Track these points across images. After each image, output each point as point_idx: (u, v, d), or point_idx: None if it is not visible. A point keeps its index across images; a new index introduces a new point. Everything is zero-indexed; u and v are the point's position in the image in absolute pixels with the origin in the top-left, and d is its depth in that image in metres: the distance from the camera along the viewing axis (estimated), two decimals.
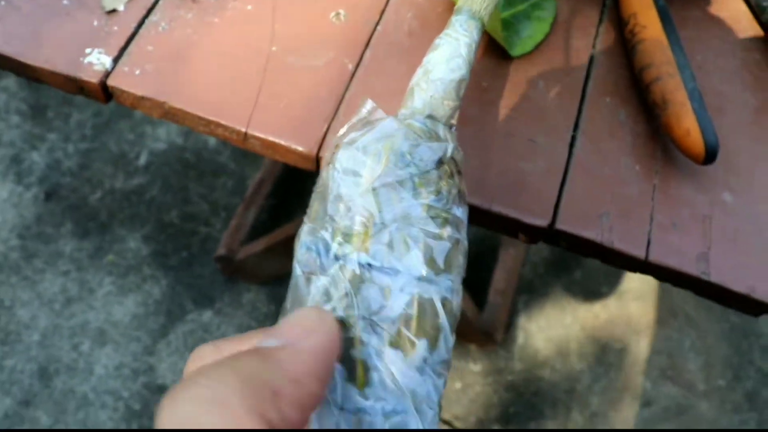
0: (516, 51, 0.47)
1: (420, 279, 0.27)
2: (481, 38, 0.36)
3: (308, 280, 0.28)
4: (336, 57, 0.45)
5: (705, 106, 0.42)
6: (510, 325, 1.27)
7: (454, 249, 0.28)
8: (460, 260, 0.29)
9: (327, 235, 0.28)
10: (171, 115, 0.44)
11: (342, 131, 0.31)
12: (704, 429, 1.20)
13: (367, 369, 0.26)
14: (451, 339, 0.28)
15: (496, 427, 1.20)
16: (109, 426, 1.19)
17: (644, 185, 0.43)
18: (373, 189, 0.28)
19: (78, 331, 1.26)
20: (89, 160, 1.42)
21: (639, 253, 0.41)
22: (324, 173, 0.30)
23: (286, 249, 1.18)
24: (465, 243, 0.30)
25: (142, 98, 0.44)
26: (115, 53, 0.45)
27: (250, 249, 1.20)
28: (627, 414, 1.22)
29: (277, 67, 0.45)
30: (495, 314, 1.19)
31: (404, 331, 0.27)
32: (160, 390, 1.20)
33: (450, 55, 0.35)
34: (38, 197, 1.38)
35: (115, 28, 0.46)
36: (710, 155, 0.41)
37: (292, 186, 1.36)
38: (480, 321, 1.16)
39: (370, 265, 0.27)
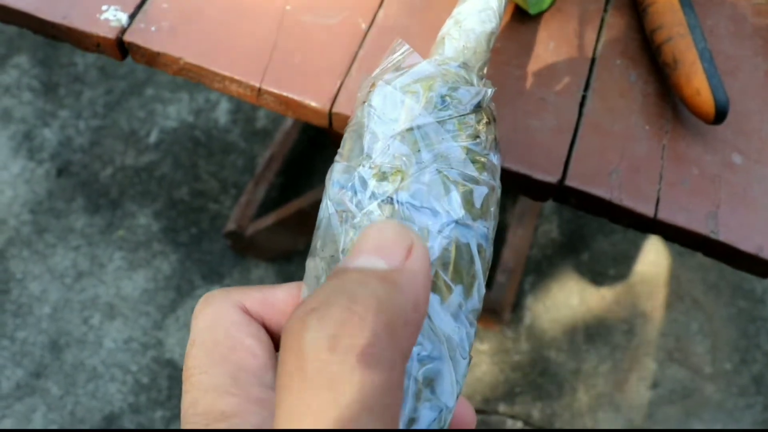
0: (534, 9, 0.47)
1: (458, 222, 0.26)
2: None
3: (342, 218, 0.27)
4: (350, 16, 0.45)
5: (715, 65, 0.42)
6: (517, 306, 1.27)
7: (490, 195, 0.28)
8: (495, 209, 0.28)
9: (364, 173, 0.27)
10: (186, 71, 0.44)
11: (376, 72, 0.30)
12: (702, 429, 1.21)
13: None
14: (484, 288, 0.27)
15: (501, 407, 1.21)
16: (118, 399, 1.20)
17: (654, 144, 0.44)
18: (412, 128, 0.28)
19: (88, 305, 1.27)
20: (100, 137, 1.43)
21: (648, 211, 0.42)
22: (358, 112, 0.30)
23: (296, 224, 1.19)
24: (499, 191, 0.29)
25: (158, 54, 0.44)
26: (132, 10, 0.46)
27: (259, 224, 1.21)
28: (633, 395, 1.22)
29: (291, 25, 0.45)
30: (503, 294, 1.19)
31: (442, 274, 0.26)
32: (169, 364, 1.22)
33: (482, 6, 0.34)
34: (50, 173, 1.39)
35: None
36: (720, 114, 0.41)
37: (302, 164, 1.37)
38: (488, 300, 1.16)
39: (410, 204, 0.26)
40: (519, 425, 1.19)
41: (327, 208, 0.28)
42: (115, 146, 1.42)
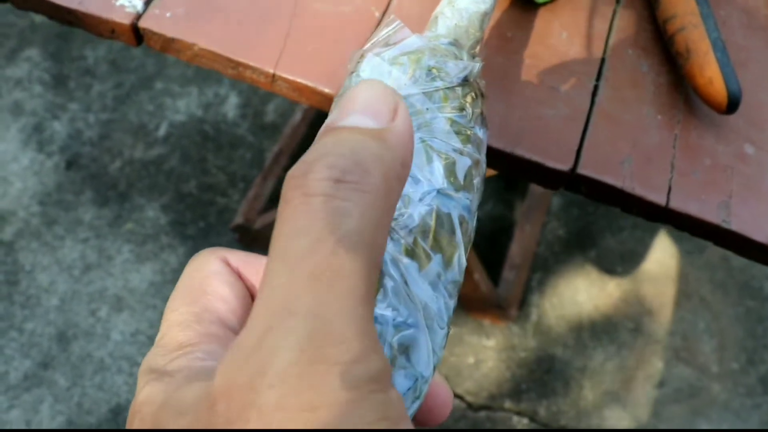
0: None
1: (440, 192, 0.27)
2: None
3: None
4: (363, 4, 0.45)
5: (728, 55, 0.42)
6: (524, 302, 1.27)
7: (474, 168, 0.28)
8: (479, 182, 0.29)
9: None
10: (200, 57, 0.45)
11: (366, 46, 0.31)
12: (707, 429, 1.20)
13: (381, 275, 0.25)
14: (464, 261, 0.27)
15: (507, 403, 1.21)
16: (125, 390, 1.21)
17: (666, 134, 0.44)
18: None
19: (96, 297, 1.28)
20: (110, 130, 1.43)
21: (659, 199, 0.42)
22: (346, 82, 0.30)
23: None
24: (484, 166, 0.29)
25: (173, 40, 0.45)
26: None
27: (267, 218, 1.21)
28: (639, 394, 1.22)
29: (305, 12, 0.46)
30: (510, 290, 1.19)
31: (421, 242, 0.26)
32: None
33: None
34: (59, 165, 1.40)
35: None
36: (732, 104, 0.41)
37: None
38: (495, 296, 1.16)
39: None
40: (525, 422, 1.19)
41: None
42: (124, 139, 1.43)
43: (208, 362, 0.21)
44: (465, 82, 0.30)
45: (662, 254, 1.33)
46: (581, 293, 1.30)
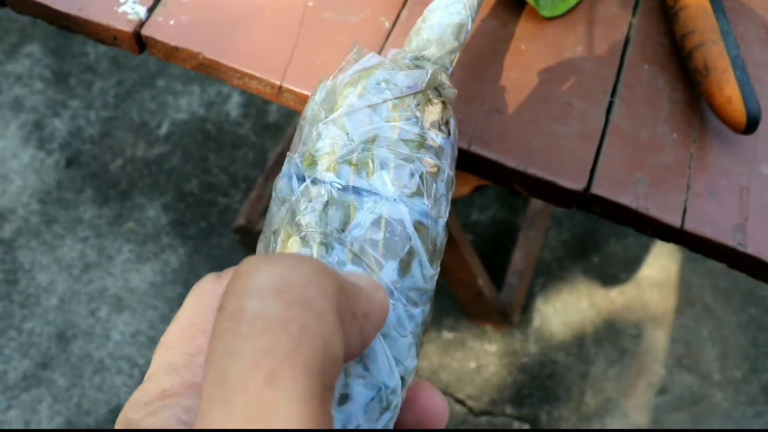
0: (547, 12, 0.46)
1: (388, 199, 0.27)
2: None
3: (282, 202, 0.28)
4: (372, 14, 0.44)
5: (748, 74, 0.41)
6: (526, 308, 1.26)
7: (430, 174, 0.28)
8: (441, 188, 0.28)
9: (297, 159, 0.28)
10: (205, 66, 0.44)
11: (334, 74, 0.31)
12: (705, 429, 1.20)
13: None
14: (430, 268, 0.27)
15: (508, 409, 1.20)
16: (125, 392, 1.20)
17: (681, 153, 0.43)
18: (345, 114, 0.28)
19: (96, 296, 1.27)
20: (111, 128, 1.42)
21: (674, 221, 0.41)
22: (305, 107, 0.30)
23: None
24: (448, 172, 0.29)
25: (176, 49, 0.44)
26: (150, 3, 0.45)
27: None
28: (641, 401, 1.21)
29: (312, 22, 0.44)
30: (513, 295, 1.18)
31: (369, 250, 0.26)
32: None
33: (451, 1, 0.35)
34: (59, 163, 1.39)
35: None
36: (752, 124, 0.40)
37: None
38: (498, 302, 1.15)
39: (335, 183, 0.27)
40: (526, 428, 1.18)
41: (273, 196, 0.29)
42: (126, 138, 1.42)
43: (185, 418, 0.20)
44: (416, 91, 0.29)
45: (665, 261, 1.32)
46: (584, 299, 1.29)
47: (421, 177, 0.27)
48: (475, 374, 1.21)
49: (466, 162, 0.42)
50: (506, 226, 1.32)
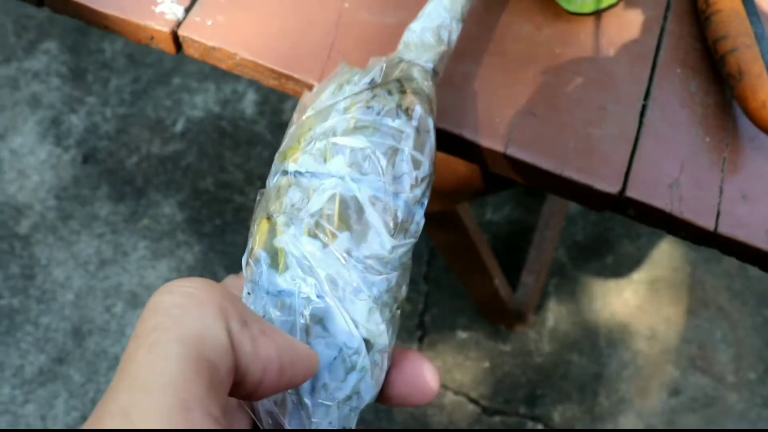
0: (570, 7, 0.46)
1: (342, 179, 0.30)
2: None
3: (262, 196, 0.33)
4: (409, 16, 0.44)
5: None
6: (540, 308, 1.26)
7: (386, 154, 0.31)
8: (402, 167, 0.31)
9: (276, 157, 0.33)
10: (241, 66, 0.44)
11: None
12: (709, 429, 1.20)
13: (285, 255, 0.29)
14: (390, 239, 0.30)
15: (522, 408, 1.20)
16: None
17: (714, 157, 0.43)
18: (312, 114, 0.33)
19: (111, 293, 1.28)
20: (127, 125, 1.43)
21: (708, 224, 0.41)
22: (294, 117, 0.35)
23: None
24: (407, 152, 0.32)
25: (213, 49, 0.44)
26: (187, 3, 0.45)
27: None
28: (654, 402, 1.22)
29: (349, 23, 0.45)
30: (528, 295, 1.18)
31: (324, 223, 0.30)
32: None
33: (434, 6, 0.38)
34: (76, 159, 1.40)
35: None
36: None
37: None
38: (513, 301, 1.15)
39: (297, 172, 0.31)
40: (539, 427, 1.19)
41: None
42: (141, 134, 1.42)
43: None
44: (373, 84, 0.33)
45: (680, 262, 1.32)
46: (598, 299, 1.29)
47: (375, 158, 0.31)
48: (489, 374, 1.22)
49: (502, 165, 0.42)
50: (521, 225, 1.32)
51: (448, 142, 0.43)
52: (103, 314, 1.26)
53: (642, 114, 0.44)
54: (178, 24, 0.45)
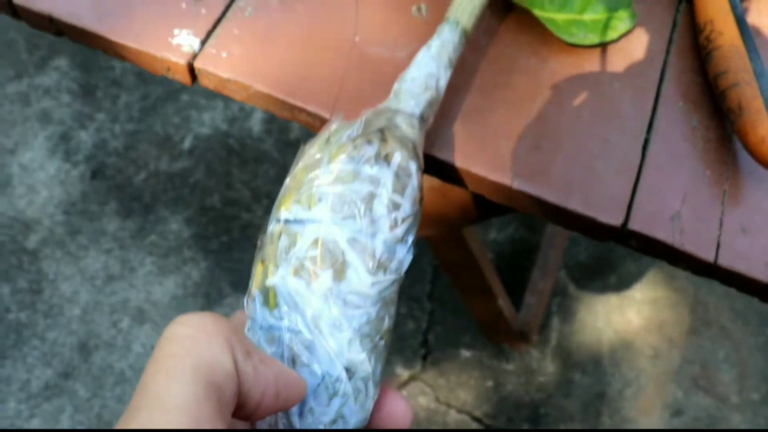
0: (574, 40, 0.47)
1: (325, 224, 0.34)
2: (463, 39, 0.43)
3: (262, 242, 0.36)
4: (418, 49, 0.46)
5: None
6: (544, 326, 1.27)
7: (364, 199, 0.34)
8: (379, 209, 0.34)
9: (273, 208, 0.36)
10: (255, 98, 0.45)
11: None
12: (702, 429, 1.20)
13: (275, 294, 0.33)
14: (369, 275, 0.33)
15: (525, 427, 1.20)
16: None
17: (715, 190, 0.44)
18: (302, 167, 0.36)
19: (118, 308, 1.29)
20: (135, 142, 1.45)
21: (708, 256, 0.42)
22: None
23: None
24: (385, 196, 0.35)
25: (228, 81, 0.45)
26: (203, 35, 0.47)
27: None
28: (657, 421, 1.22)
29: (360, 57, 0.46)
30: (531, 315, 1.19)
31: (308, 264, 0.33)
32: None
33: (422, 56, 0.41)
34: (84, 175, 1.41)
35: (203, 10, 0.48)
36: None
37: None
38: (516, 321, 1.16)
39: (287, 220, 0.35)
40: None
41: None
42: (150, 151, 1.44)
43: None
44: (354, 138, 0.36)
45: (682, 281, 1.33)
46: (601, 319, 1.29)
47: (353, 203, 0.34)
48: (492, 392, 1.22)
49: (508, 197, 0.43)
50: (525, 245, 1.33)
51: (454, 174, 0.44)
52: (110, 329, 1.27)
53: (645, 147, 0.45)
54: (194, 56, 0.46)
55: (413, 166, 0.36)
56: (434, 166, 0.44)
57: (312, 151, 0.37)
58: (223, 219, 1.36)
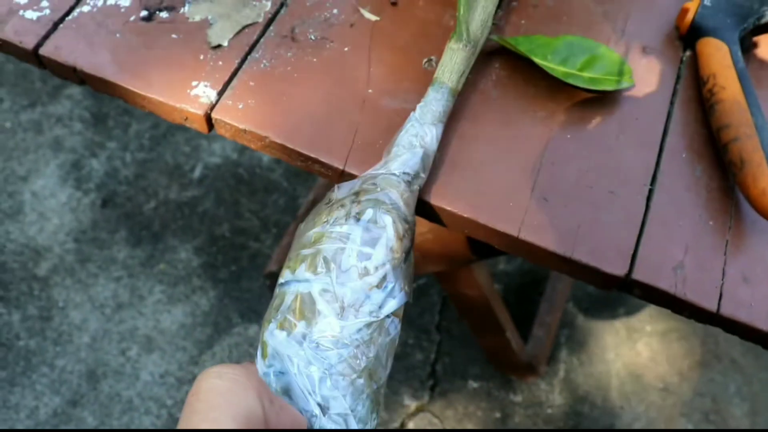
0: (575, 82, 0.49)
1: (303, 282, 0.39)
2: (449, 96, 0.46)
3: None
4: None
5: None
6: (552, 358, 1.27)
7: (335, 254, 0.39)
8: (347, 262, 0.39)
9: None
10: (270, 148, 0.47)
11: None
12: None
13: (266, 346, 0.38)
14: (338, 320, 0.38)
15: None
16: None
17: (717, 240, 0.45)
18: (296, 235, 0.42)
19: (127, 336, 1.30)
20: (146, 170, 1.46)
21: (710, 306, 0.43)
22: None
23: None
24: (354, 250, 0.39)
25: (244, 131, 0.47)
26: (220, 87, 0.48)
27: None
28: None
29: (372, 108, 0.48)
30: (539, 347, 1.19)
31: (289, 317, 0.38)
32: None
33: (408, 120, 0.45)
34: (95, 203, 1.43)
35: (220, 63, 0.49)
36: None
37: None
38: (524, 353, 1.17)
39: (281, 283, 0.40)
40: None
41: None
42: (160, 180, 1.46)
43: None
44: (331, 201, 0.42)
45: None
46: (609, 351, 1.29)
47: (324, 259, 0.39)
48: (500, 424, 1.22)
49: (515, 246, 0.44)
50: (533, 276, 1.33)
51: (461, 224, 0.45)
52: (118, 357, 1.28)
53: (649, 198, 0.46)
54: (212, 107, 0.48)
55: (387, 219, 0.40)
56: (442, 215, 0.45)
57: (307, 219, 0.43)
58: (232, 248, 1.38)
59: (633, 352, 1.29)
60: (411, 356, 1.27)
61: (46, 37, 0.51)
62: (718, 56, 0.49)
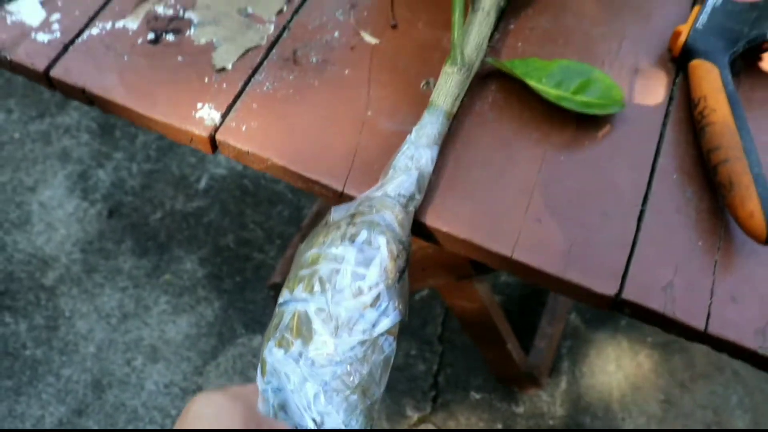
0: (566, 105, 0.50)
1: (299, 302, 0.41)
2: (443, 119, 0.47)
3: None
4: None
5: None
6: (554, 370, 1.28)
7: (330, 274, 0.41)
8: (341, 282, 0.41)
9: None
10: (272, 169, 0.48)
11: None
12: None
13: (265, 363, 0.40)
14: (331, 338, 0.39)
15: None
16: None
17: (706, 260, 0.46)
18: (296, 256, 0.44)
19: (132, 346, 1.31)
20: (152, 181, 1.48)
21: (699, 324, 0.44)
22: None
23: None
24: (348, 270, 0.41)
25: (247, 153, 0.48)
26: (224, 109, 0.50)
27: None
28: None
29: (372, 130, 0.49)
30: (541, 359, 1.20)
31: (286, 335, 0.40)
32: None
33: (404, 143, 0.46)
34: (102, 214, 1.45)
35: (224, 85, 0.51)
36: None
37: None
38: (526, 365, 1.17)
39: (280, 303, 0.42)
40: None
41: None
42: (166, 190, 1.47)
43: None
44: (328, 223, 0.44)
45: None
46: (611, 362, 1.30)
47: (320, 279, 0.41)
48: None
49: (508, 266, 0.45)
50: (535, 287, 1.34)
51: (457, 244, 0.46)
52: (124, 367, 1.29)
53: (640, 218, 0.47)
54: (216, 129, 0.49)
55: (381, 240, 0.42)
56: (437, 236, 0.47)
57: (307, 238, 0.44)
58: (236, 259, 1.39)
59: (634, 363, 1.30)
60: (413, 367, 1.28)
61: (56, 59, 0.52)
62: (708, 78, 0.50)
